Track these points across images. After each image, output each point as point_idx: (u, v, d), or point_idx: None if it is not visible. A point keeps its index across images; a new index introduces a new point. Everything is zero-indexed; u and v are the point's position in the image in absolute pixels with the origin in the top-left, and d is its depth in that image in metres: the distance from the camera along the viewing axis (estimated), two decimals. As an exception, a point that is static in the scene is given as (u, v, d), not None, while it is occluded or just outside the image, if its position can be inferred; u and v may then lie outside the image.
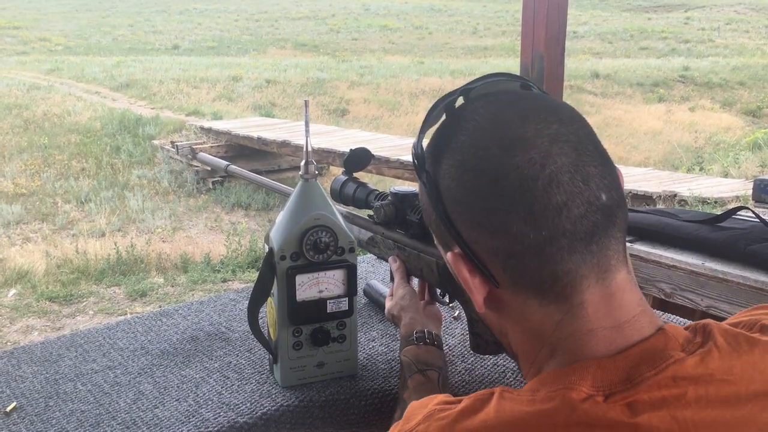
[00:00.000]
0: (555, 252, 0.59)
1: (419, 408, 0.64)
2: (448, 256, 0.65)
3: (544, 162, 0.59)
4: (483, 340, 1.02)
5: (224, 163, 1.35)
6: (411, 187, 1.15)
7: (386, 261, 1.18)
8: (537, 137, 0.60)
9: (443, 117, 0.66)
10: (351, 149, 1.18)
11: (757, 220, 1.89)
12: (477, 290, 0.64)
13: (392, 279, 1.20)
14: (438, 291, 1.13)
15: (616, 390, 0.57)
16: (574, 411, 0.56)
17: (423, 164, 0.65)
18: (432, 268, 1.07)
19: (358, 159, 1.18)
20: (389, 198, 1.13)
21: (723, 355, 0.60)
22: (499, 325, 0.68)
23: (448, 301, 1.11)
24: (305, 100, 1.09)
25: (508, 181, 0.59)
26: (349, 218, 1.19)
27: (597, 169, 0.60)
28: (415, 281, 1.15)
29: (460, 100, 0.67)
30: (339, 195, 1.21)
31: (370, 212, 1.18)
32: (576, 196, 0.58)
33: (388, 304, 1.12)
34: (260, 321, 1.07)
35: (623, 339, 0.61)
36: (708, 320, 0.64)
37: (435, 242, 0.71)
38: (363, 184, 1.20)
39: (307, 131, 1.07)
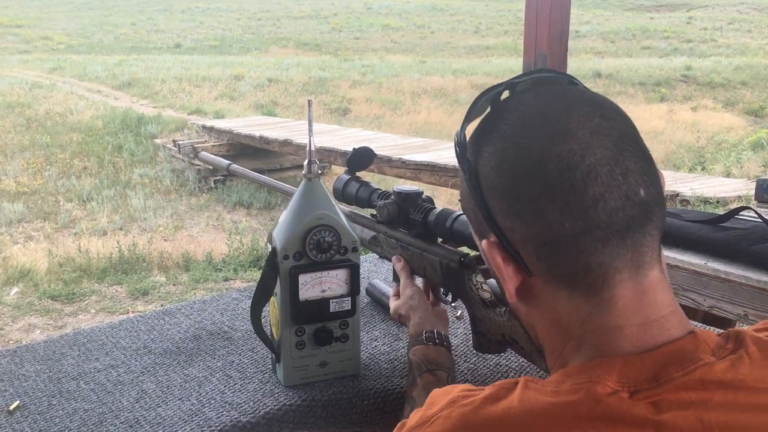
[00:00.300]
0: (589, 243, 0.59)
1: (442, 395, 0.64)
2: (483, 244, 0.66)
3: (584, 153, 0.59)
4: (486, 339, 1.02)
5: (226, 162, 1.35)
6: (414, 186, 1.15)
7: (389, 260, 1.18)
8: (579, 129, 0.60)
9: (488, 109, 0.67)
10: (354, 148, 1.18)
11: (759, 220, 1.89)
12: (510, 279, 0.64)
13: (395, 278, 1.20)
14: (441, 290, 1.13)
15: (641, 387, 0.57)
16: (599, 404, 0.56)
17: (465, 152, 0.66)
18: (435, 267, 1.07)
19: (361, 158, 1.18)
20: (392, 197, 1.12)
21: (754, 363, 0.60)
22: (528, 317, 0.68)
23: (450, 300, 1.11)
24: (308, 100, 1.09)
25: (548, 171, 0.59)
26: (352, 217, 1.19)
27: (637, 165, 0.60)
28: (419, 280, 1.15)
29: (505, 94, 0.67)
30: (342, 194, 1.21)
31: (373, 211, 1.18)
32: (613, 189, 0.59)
33: (393, 303, 1.12)
34: (263, 320, 1.07)
35: (650, 338, 0.60)
36: (741, 328, 0.64)
37: (471, 231, 0.72)
38: (366, 183, 1.20)
39: (310, 130, 1.07)
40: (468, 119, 0.67)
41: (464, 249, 1.08)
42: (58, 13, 33.09)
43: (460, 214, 1.02)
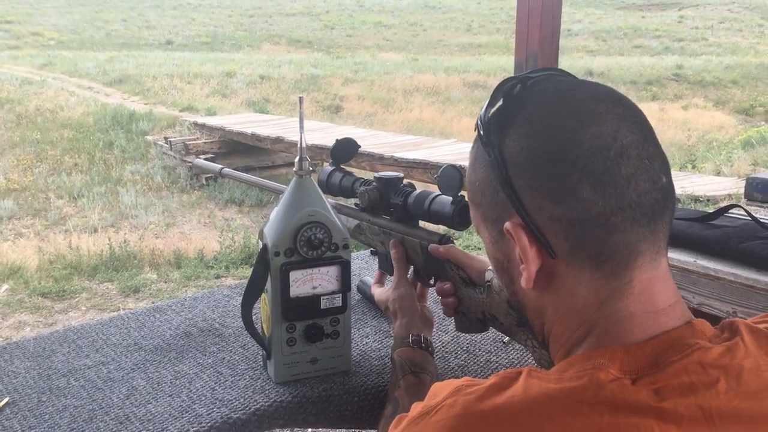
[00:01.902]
0: (620, 222, 0.60)
1: (444, 386, 0.64)
2: (507, 226, 0.65)
3: (615, 135, 0.61)
4: (467, 318, 1.04)
5: (218, 166, 1.36)
6: (394, 172, 1.16)
7: (373, 248, 1.19)
8: (607, 113, 0.62)
9: (500, 102, 0.67)
10: (337, 140, 1.19)
11: (748, 218, 1.90)
12: (532, 261, 0.64)
13: (381, 266, 1.21)
14: (422, 273, 1.14)
15: (643, 374, 0.58)
16: (601, 390, 0.57)
17: (489, 134, 0.66)
18: (417, 250, 1.09)
19: (344, 149, 1.19)
20: (373, 183, 1.14)
21: (749, 351, 0.61)
22: (539, 303, 0.68)
23: (432, 283, 1.11)
24: (300, 97, 1.09)
25: (582, 149, 0.60)
26: (337, 208, 1.20)
27: (658, 153, 0.63)
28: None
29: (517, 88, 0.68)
30: (326, 185, 1.22)
31: (357, 201, 1.18)
32: (643, 171, 0.61)
33: (381, 292, 1.13)
34: (254, 317, 1.07)
35: (657, 326, 0.62)
36: (736, 319, 0.66)
37: (479, 222, 0.71)
38: (349, 173, 1.21)
39: (301, 128, 1.07)
40: (491, 105, 0.67)
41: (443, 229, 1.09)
42: (49, 9, 32.88)
43: (438, 195, 1.03)
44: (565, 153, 0.61)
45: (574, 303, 0.64)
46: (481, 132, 0.67)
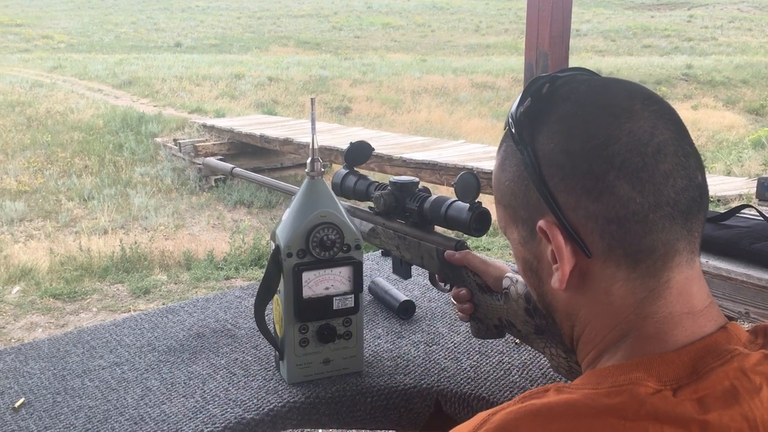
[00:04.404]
0: (658, 220, 0.59)
1: (464, 425, 0.61)
2: (541, 224, 0.63)
3: (653, 131, 0.60)
4: (483, 324, 1.03)
5: (230, 166, 1.36)
6: (410, 177, 1.16)
7: (387, 251, 1.19)
8: (643, 110, 0.61)
9: (530, 100, 0.66)
10: (351, 142, 1.19)
11: (761, 218, 1.89)
12: (567, 261, 0.62)
13: (395, 270, 1.21)
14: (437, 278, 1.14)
15: (683, 383, 0.57)
16: (643, 405, 0.55)
17: (522, 132, 0.65)
18: (432, 255, 1.08)
19: (359, 152, 1.19)
20: (389, 188, 1.13)
21: None
22: (571, 305, 0.66)
23: (448, 288, 1.11)
24: (311, 98, 1.10)
25: (619, 145, 0.59)
26: (351, 211, 1.20)
27: (693, 150, 0.62)
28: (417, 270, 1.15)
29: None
30: (340, 188, 1.22)
31: (371, 204, 1.18)
32: (680, 168, 0.60)
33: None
34: (266, 318, 1.08)
35: (697, 327, 0.61)
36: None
37: (505, 224, 0.70)
38: (363, 177, 1.21)
39: (313, 129, 1.07)
40: (522, 103, 0.66)
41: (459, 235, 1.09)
42: (59, 12, 33.08)
43: (454, 201, 1.03)
44: (602, 149, 0.60)
45: (610, 303, 0.63)
46: (513, 130, 0.66)
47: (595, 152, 0.60)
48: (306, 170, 1.07)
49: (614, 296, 0.62)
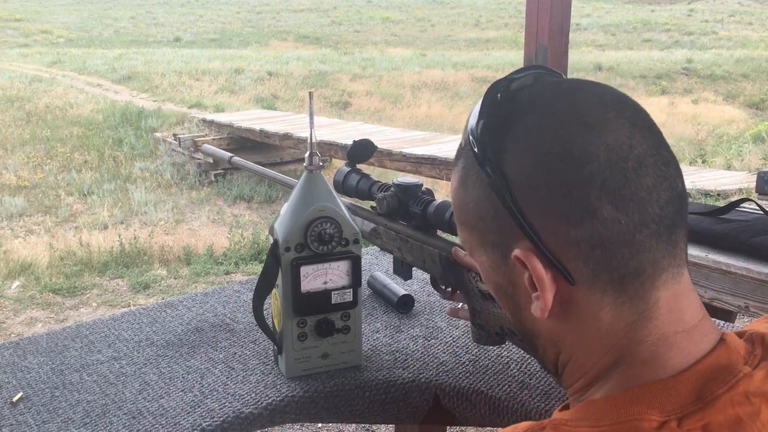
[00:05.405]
0: (644, 239, 0.55)
1: None
2: (517, 253, 0.58)
3: (630, 143, 0.55)
4: (485, 331, 1.02)
5: (228, 154, 1.35)
6: (414, 178, 1.15)
7: (389, 252, 1.19)
8: (618, 119, 0.56)
9: (491, 111, 0.61)
10: (354, 140, 1.18)
11: (760, 212, 1.89)
12: (548, 289, 0.58)
13: (396, 271, 1.20)
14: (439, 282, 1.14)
15: (687, 411, 0.54)
16: None
17: (486, 152, 0.59)
18: (435, 259, 1.08)
19: (362, 150, 1.19)
20: (392, 189, 1.13)
21: None
22: (555, 332, 0.61)
23: (450, 292, 1.11)
24: (309, 92, 1.09)
25: (598, 163, 0.54)
26: (353, 209, 1.20)
27: (671, 157, 0.58)
28: (420, 273, 1.15)
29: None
30: (342, 186, 1.21)
31: (373, 203, 1.18)
32: (662, 180, 0.56)
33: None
34: (265, 312, 1.08)
35: (693, 345, 0.57)
36: (759, 329, 0.62)
37: (473, 246, 0.64)
38: (366, 176, 1.20)
39: (311, 123, 1.07)
40: (480, 118, 0.60)
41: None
42: (58, 7, 33.01)
43: None
44: (580, 168, 0.54)
45: (598, 329, 0.58)
46: (475, 149, 0.60)
47: (573, 172, 0.55)
48: (304, 164, 1.07)
49: (602, 322, 0.58)
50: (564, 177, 0.55)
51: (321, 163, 1.07)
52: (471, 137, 0.60)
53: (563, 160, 0.55)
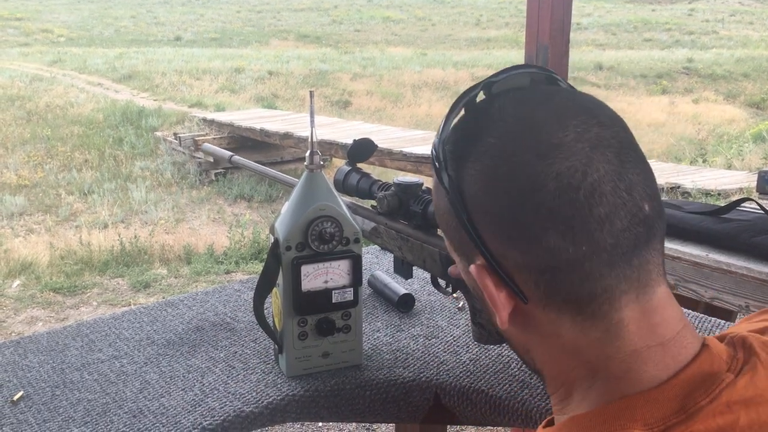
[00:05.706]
0: (594, 268, 0.54)
1: None
2: (471, 269, 0.59)
3: (585, 170, 0.53)
4: (486, 330, 1.02)
5: (228, 153, 1.35)
6: (414, 177, 1.15)
7: (389, 251, 1.19)
8: (577, 142, 0.54)
9: (458, 120, 0.61)
10: (355, 140, 1.18)
11: (761, 211, 1.89)
12: (503, 306, 0.58)
13: (396, 270, 1.20)
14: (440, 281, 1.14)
15: (670, 423, 0.53)
16: None
17: (445, 166, 0.59)
18: (435, 258, 1.08)
19: (362, 149, 1.19)
20: (392, 188, 1.13)
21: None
22: (524, 342, 0.62)
23: (450, 291, 1.11)
24: (310, 91, 1.09)
25: (546, 192, 0.53)
26: (353, 208, 1.20)
27: (639, 177, 0.55)
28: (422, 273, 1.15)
29: (481, 95, 0.61)
30: (342, 185, 1.21)
31: (374, 202, 1.18)
32: (619, 208, 0.54)
33: None
34: (265, 311, 1.08)
35: (670, 358, 0.56)
36: (741, 332, 0.61)
37: (449, 249, 0.65)
38: (366, 175, 1.20)
39: (312, 122, 1.07)
40: (445, 128, 0.60)
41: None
42: (58, 6, 33.01)
43: None
44: (528, 198, 0.54)
45: (562, 344, 0.58)
46: (436, 164, 0.59)
47: (521, 199, 0.54)
48: (305, 163, 1.07)
49: (564, 338, 0.57)
50: (511, 205, 0.55)
51: (322, 162, 1.07)
52: (434, 150, 0.60)
53: (512, 188, 0.55)
